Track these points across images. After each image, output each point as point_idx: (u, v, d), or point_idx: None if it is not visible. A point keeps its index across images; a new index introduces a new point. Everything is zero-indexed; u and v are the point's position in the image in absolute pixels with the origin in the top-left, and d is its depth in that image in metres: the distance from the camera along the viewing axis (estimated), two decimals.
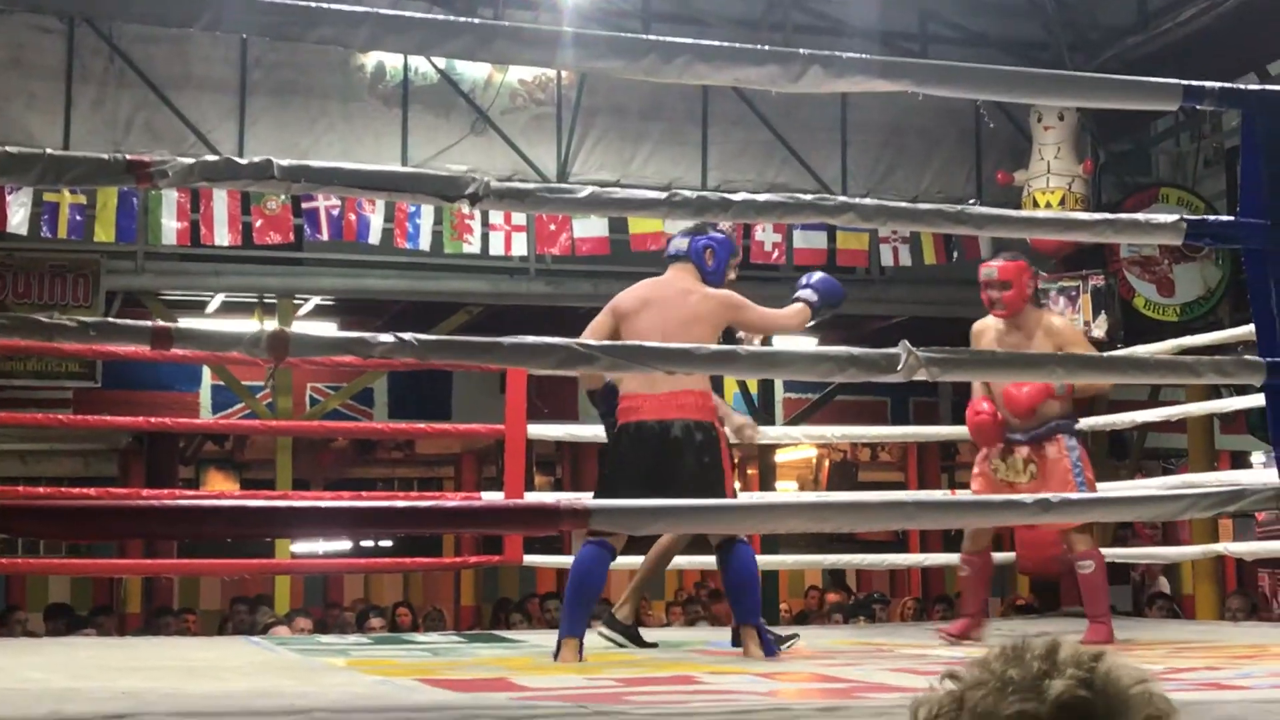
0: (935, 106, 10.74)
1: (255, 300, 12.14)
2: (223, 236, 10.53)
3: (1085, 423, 8.47)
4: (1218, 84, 3.87)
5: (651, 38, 3.53)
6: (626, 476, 5.21)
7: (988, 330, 6.07)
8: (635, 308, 5.47)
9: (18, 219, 10.06)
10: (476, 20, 3.49)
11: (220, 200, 10.36)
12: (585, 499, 4.90)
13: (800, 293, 5.57)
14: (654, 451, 5.25)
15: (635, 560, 6.22)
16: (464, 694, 3.85)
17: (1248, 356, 3.83)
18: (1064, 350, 5.73)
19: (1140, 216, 4.05)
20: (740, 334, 5.68)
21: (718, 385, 5.82)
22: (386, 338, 3.34)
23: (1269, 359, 3.68)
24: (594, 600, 5.47)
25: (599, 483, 5.44)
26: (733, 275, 6.06)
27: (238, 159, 3.28)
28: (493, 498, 7.73)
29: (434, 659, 5.47)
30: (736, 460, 5.51)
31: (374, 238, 10.89)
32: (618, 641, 5.91)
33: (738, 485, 5.33)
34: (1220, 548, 8.35)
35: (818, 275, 5.68)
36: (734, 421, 6.25)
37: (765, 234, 11.61)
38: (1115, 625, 7.84)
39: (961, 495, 7.98)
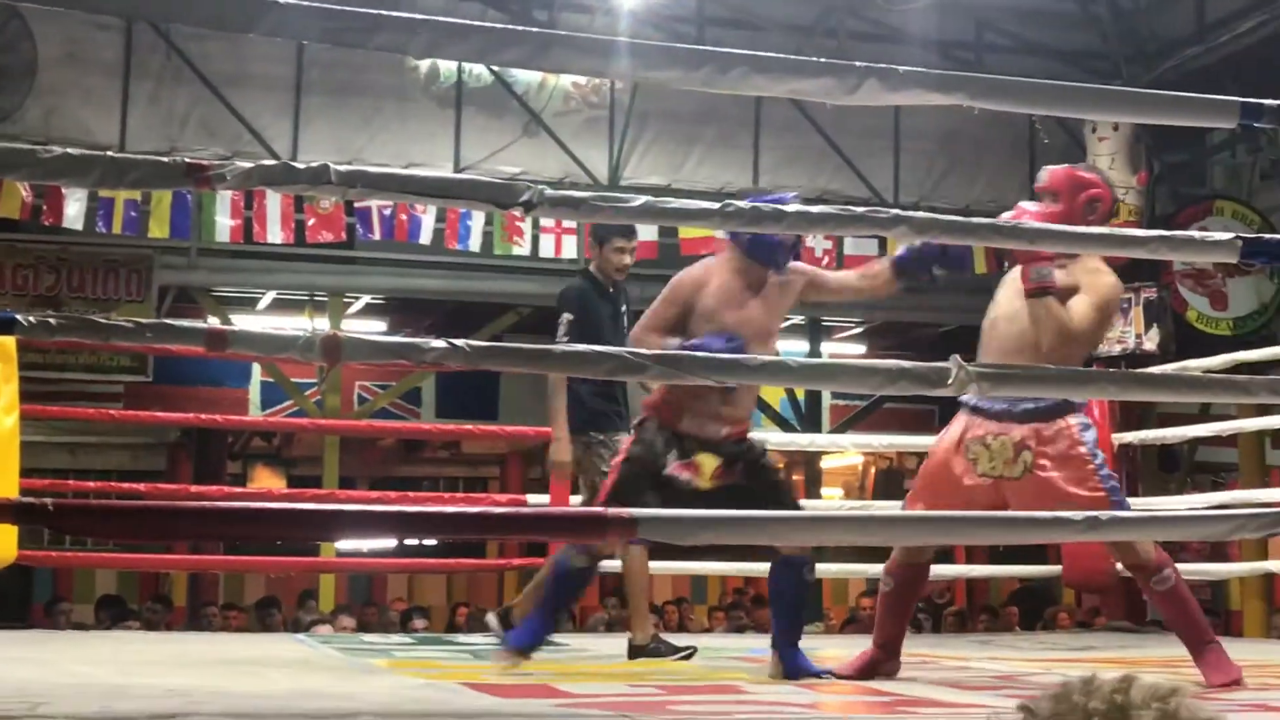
0: (988, 114, 10.59)
1: (306, 298, 12.21)
2: (275, 234, 10.60)
3: (1134, 436, 8.44)
4: (1276, 102, 3.84)
5: (708, 49, 3.54)
6: None
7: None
8: None
9: (73, 213, 10.15)
10: (534, 29, 3.51)
11: (274, 199, 10.42)
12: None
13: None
14: None
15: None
16: (507, 700, 3.86)
17: None
18: None
19: (1196, 234, 4.02)
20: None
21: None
22: (438, 343, 3.35)
23: None
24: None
25: None
26: (626, 259, 5.86)
27: (295, 164, 3.30)
28: (538, 499, 7.75)
29: (476, 662, 5.49)
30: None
31: (425, 238, 10.94)
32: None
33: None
34: (1271, 565, 8.28)
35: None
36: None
37: (816, 240, 11.57)
38: (1159, 640, 7.79)
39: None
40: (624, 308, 6.00)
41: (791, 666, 4.71)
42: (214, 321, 11.84)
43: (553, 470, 6.05)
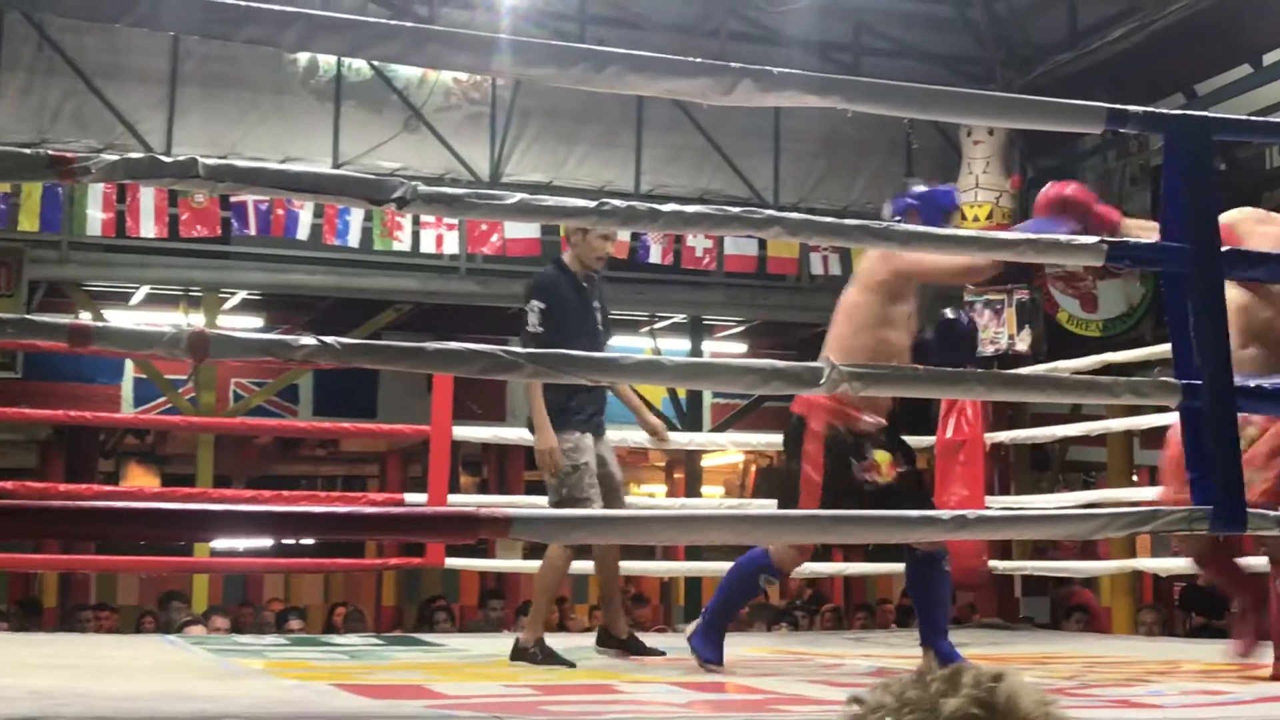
0: (867, 118, 10.64)
1: (181, 293, 12.03)
2: (149, 228, 10.44)
3: (1007, 436, 8.57)
4: (1141, 108, 3.91)
5: (583, 46, 3.54)
6: None
7: None
8: None
9: None
10: (409, 24, 3.47)
11: (147, 192, 10.26)
12: (507, 505, 4.89)
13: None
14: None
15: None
16: (378, 700, 3.83)
17: (1164, 378, 3.87)
18: None
19: (1063, 237, 4.08)
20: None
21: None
22: (309, 340, 3.30)
23: (1184, 381, 3.73)
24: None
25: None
26: (608, 247, 5.59)
27: (162, 157, 3.24)
28: (417, 498, 7.69)
29: (351, 662, 5.44)
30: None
31: (302, 233, 10.83)
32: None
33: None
34: (1138, 563, 8.45)
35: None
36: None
37: (696, 240, 11.64)
38: (1030, 638, 7.92)
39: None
40: (596, 303, 5.62)
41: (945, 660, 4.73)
42: (85, 317, 11.64)
43: (542, 462, 5.43)
